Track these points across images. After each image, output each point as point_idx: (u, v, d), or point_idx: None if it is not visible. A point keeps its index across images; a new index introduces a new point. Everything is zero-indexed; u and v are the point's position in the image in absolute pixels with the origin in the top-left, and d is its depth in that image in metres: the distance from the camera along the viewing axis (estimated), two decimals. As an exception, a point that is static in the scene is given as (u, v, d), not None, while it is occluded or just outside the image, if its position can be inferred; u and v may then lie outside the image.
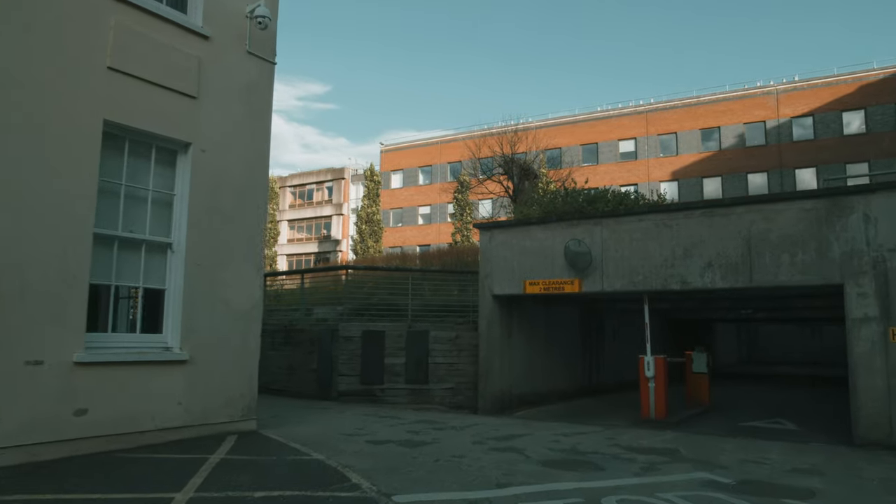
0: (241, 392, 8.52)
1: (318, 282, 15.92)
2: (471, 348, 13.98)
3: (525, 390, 14.63)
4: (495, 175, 32.72)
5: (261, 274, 8.89)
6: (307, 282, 15.51)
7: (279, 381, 14.73)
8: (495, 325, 13.69)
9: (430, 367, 13.73)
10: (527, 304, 14.89)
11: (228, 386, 8.35)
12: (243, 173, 8.68)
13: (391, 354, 13.63)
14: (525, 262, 13.20)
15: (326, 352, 13.63)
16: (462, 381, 13.89)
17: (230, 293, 8.40)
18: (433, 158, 61.69)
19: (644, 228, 11.94)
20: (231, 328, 8.42)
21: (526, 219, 13.60)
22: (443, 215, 58.85)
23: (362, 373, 13.44)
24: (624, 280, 12.05)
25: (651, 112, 52.88)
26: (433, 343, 13.84)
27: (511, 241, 13.44)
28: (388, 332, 13.68)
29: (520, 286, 13.19)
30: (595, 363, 18.65)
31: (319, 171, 70.74)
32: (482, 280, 13.74)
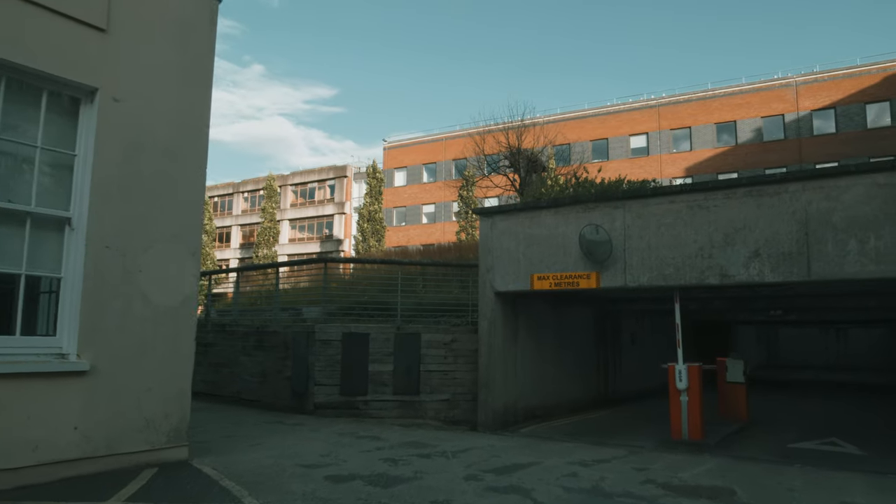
0: (165, 412, 6.62)
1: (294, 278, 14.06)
2: (469, 354, 12.05)
3: (532, 402, 12.68)
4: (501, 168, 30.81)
5: (197, 260, 7.00)
6: (283, 278, 13.63)
7: (252, 391, 12.84)
8: (498, 326, 11.76)
9: (421, 376, 11.81)
10: (534, 303, 12.95)
11: (148, 404, 6.44)
12: (174, 132, 6.79)
13: (377, 361, 11.72)
14: (533, 253, 11.27)
15: (301, 357, 11.74)
16: (459, 391, 11.96)
17: (153, 284, 6.51)
18: (437, 155, 59.89)
19: (676, 211, 9.98)
20: (153, 330, 6.52)
21: (533, 202, 11.66)
22: (447, 214, 57.05)
23: (343, 382, 11.53)
24: (651, 273, 10.10)
25: (664, 106, 50.87)
26: (426, 348, 11.93)
27: (516, 229, 11.51)
28: (373, 335, 11.78)
29: (526, 281, 11.26)
30: (611, 370, 16.68)
31: (321, 169, 69.07)
32: (483, 275, 11.82)
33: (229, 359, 13.55)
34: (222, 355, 13.77)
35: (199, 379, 14.07)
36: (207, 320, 14.61)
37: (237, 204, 73.47)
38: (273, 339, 12.50)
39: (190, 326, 6.90)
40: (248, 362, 13.03)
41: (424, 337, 11.94)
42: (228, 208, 74.19)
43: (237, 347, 13.34)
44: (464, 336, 12.13)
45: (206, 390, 14.05)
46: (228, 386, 13.47)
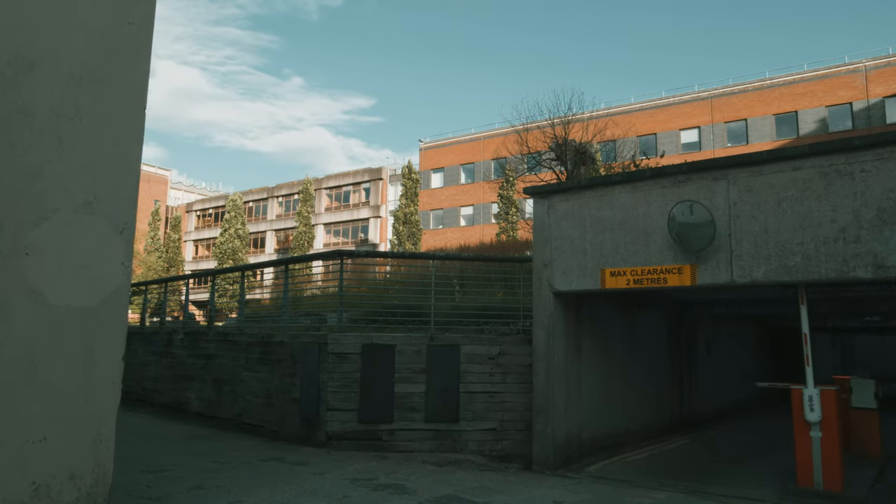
0: (71, 471, 4.32)
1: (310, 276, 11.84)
2: (521, 371, 9.59)
3: (599, 431, 10.13)
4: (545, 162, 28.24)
5: (126, 241, 4.70)
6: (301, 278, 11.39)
7: (254, 414, 10.59)
8: (558, 336, 9.26)
9: (461, 399, 9.39)
10: (600, 307, 10.41)
11: (38, 460, 4.16)
12: (91, 46, 4.53)
13: (405, 379, 9.33)
14: (604, 242, 8.76)
15: (311, 375, 9.42)
16: (509, 418, 9.49)
17: (50, 274, 4.25)
18: (475, 155, 57.60)
19: (804, 181, 7.37)
20: (50, 343, 4.25)
21: (604, 177, 9.13)
22: (486, 216, 54.65)
23: (362, 406, 9.17)
24: (768, 265, 7.50)
25: (716, 98, 47.65)
26: (467, 363, 9.50)
27: (581, 212, 9.02)
28: (400, 347, 9.40)
29: (595, 278, 8.75)
30: (686, 387, 13.98)
31: (356, 172, 67.35)
32: (538, 271, 9.34)
33: (231, 374, 11.34)
34: (223, 370, 11.57)
35: (196, 397, 11.91)
36: (209, 328, 12.46)
37: (272, 209, 72.27)
38: (279, 351, 10.22)
39: (115, 339, 4.60)
40: (251, 379, 10.78)
41: (465, 349, 9.52)
42: (263, 213, 73.05)
43: (239, 361, 11.12)
44: (514, 348, 9.67)
45: (205, 411, 11.88)
46: (229, 407, 11.26)
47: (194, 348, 12.57)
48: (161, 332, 13.98)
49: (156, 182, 76.68)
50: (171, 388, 13.24)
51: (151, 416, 11.91)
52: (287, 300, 10.56)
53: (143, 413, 12.37)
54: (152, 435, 9.68)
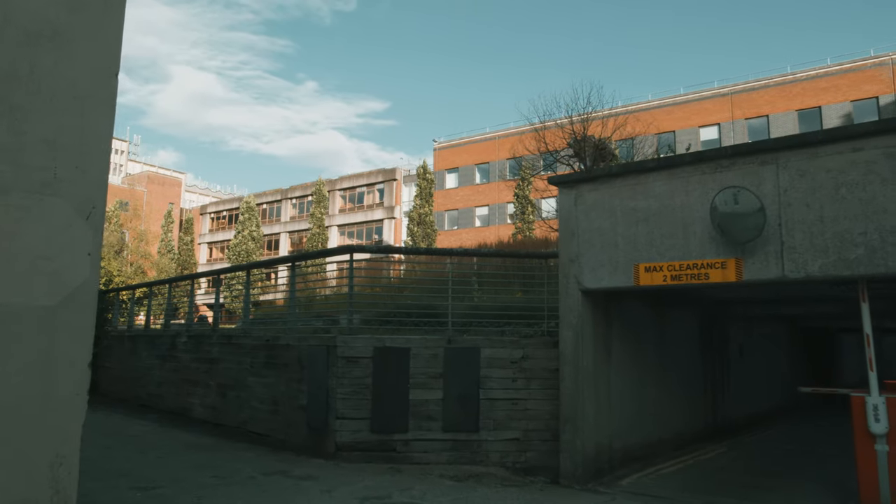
0: (23, 501, 3.64)
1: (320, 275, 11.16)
2: (546, 376, 8.83)
3: (631, 440, 9.35)
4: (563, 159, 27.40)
5: (95, 228, 4.01)
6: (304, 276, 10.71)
7: (260, 422, 9.92)
8: (587, 338, 8.49)
9: (482, 406, 8.65)
10: (631, 306, 9.64)
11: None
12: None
13: (420, 385, 8.61)
14: (637, 235, 7.99)
15: (318, 380, 8.73)
16: (533, 427, 8.74)
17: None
18: (490, 155, 56.85)
19: (866, 163, 6.57)
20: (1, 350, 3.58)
21: (637, 163, 8.35)
22: (502, 216, 53.90)
23: (374, 414, 8.47)
24: (825, 258, 6.70)
25: (737, 94, 46.55)
26: (488, 367, 8.77)
27: (612, 202, 8.25)
28: (415, 351, 8.68)
29: (628, 274, 7.99)
30: (719, 392, 13.14)
31: (370, 173, 66.85)
32: (564, 267, 8.58)
33: (235, 379, 10.68)
34: (228, 374, 10.92)
35: (200, 403, 11.27)
36: (214, 331, 11.82)
37: (285, 210, 71.93)
38: (285, 354, 9.54)
39: (80, 343, 3.92)
40: (257, 385, 10.12)
41: (485, 352, 8.78)
42: (277, 215, 72.73)
43: (244, 365, 10.46)
44: (538, 351, 8.92)
45: (210, 418, 11.24)
46: (234, 414, 10.60)
47: (198, 352, 11.94)
48: (165, 335, 13.37)
49: (170, 185, 76.64)
50: (176, 394, 12.63)
51: (153, 424, 11.28)
52: (294, 300, 9.89)
53: (145, 420, 11.76)
54: (150, 445, 9.04)
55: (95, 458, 7.96)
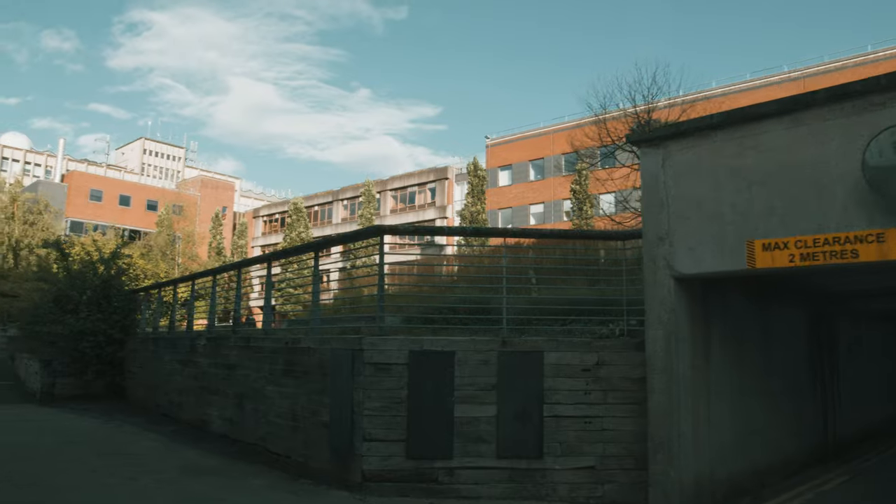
0: None
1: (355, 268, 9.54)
2: (628, 386, 6.95)
3: (736, 468, 7.35)
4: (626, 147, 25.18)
5: None
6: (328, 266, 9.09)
7: (279, 439, 8.34)
8: (682, 339, 6.58)
9: (546, 425, 6.83)
10: (733, 297, 7.65)
11: None
12: None
13: (468, 399, 6.85)
14: (751, 203, 6.04)
15: (342, 392, 7.08)
16: (612, 452, 6.87)
17: None
18: (545, 150, 54.65)
19: None
20: None
21: (748, 109, 6.36)
22: (558, 214, 51.61)
23: (410, 436, 6.75)
24: None
25: (810, 77, 43.05)
26: (553, 376, 6.94)
27: (713, 162, 6.33)
28: (460, 356, 6.93)
29: (738, 255, 6.05)
30: (830, 404, 10.93)
31: (421, 172, 65.53)
32: (650, 247, 6.70)
33: (253, 388, 9.16)
34: (245, 383, 9.41)
35: (218, 415, 9.80)
36: (234, 332, 10.36)
37: (336, 212, 71.33)
38: (305, 360, 7.94)
39: None
40: (276, 395, 8.55)
41: (549, 357, 6.96)
42: (328, 217, 72.21)
43: (263, 372, 8.92)
44: (617, 356, 7.04)
45: (228, 432, 9.76)
46: (252, 428, 9.08)
47: (216, 356, 10.50)
48: (185, 338, 12.01)
49: (223, 188, 77.17)
50: (195, 403, 11.22)
51: (164, 439, 9.88)
52: (317, 294, 8.27)
53: (158, 433, 10.38)
54: (145, 469, 7.57)
55: (62, 486, 6.51)
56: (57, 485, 6.57)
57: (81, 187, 62.61)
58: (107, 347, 15.65)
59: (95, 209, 59.36)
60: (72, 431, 10.54)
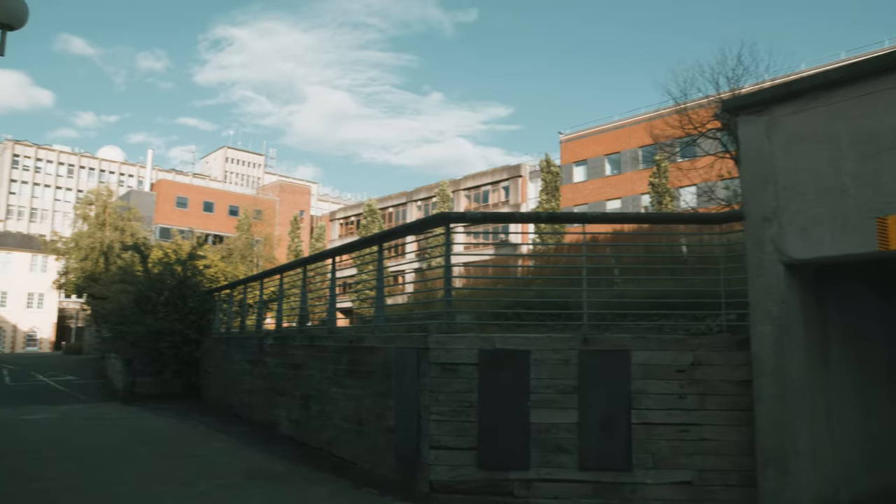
0: None
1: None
2: (729, 390, 6.07)
3: (860, 486, 6.31)
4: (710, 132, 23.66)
5: None
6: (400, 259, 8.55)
7: (345, 444, 7.88)
8: (795, 335, 5.65)
9: (634, 434, 6.05)
10: (851, 286, 6.61)
11: None
12: None
13: (546, 403, 6.16)
14: (880, 172, 5.08)
15: (407, 395, 6.53)
16: (713, 466, 6.00)
17: None
18: (621, 143, 52.90)
19: None
20: None
21: (882, 60, 5.37)
22: (636, 209, 49.81)
23: (482, 444, 6.12)
24: None
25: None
26: (641, 377, 6.15)
27: (831, 127, 5.39)
28: (537, 355, 6.24)
29: (865, 234, 5.10)
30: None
31: (494, 171, 64.80)
32: (755, 229, 5.80)
33: (318, 389, 8.76)
34: (311, 383, 9.03)
35: (286, 416, 9.48)
36: (300, 331, 10.02)
37: (410, 213, 71.53)
38: (369, 360, 7.44)
39: None
40: (340, 397, 8.10)
41: (638, 357, 6.17)
42: (403, 218, 72.52)
43: (327, 372, 8.50)
44: (716, 355, 6.17)
45: (295, 434, 9.42)
46: (318, 431, 8.67)
47: (283, 356, 10.19)
48: (254, 337, 11.82)
49: (300, 193, 78.84)
50: (264, 404, 10.98)
51: (233, 440, 9.63)
52: (381, 289, 7.76)
53: (228, 434, 10.16)
54: (207, 472, 7.26)
55: (116, 491, 6.24)
56: (111, 489, 6.32)
57: (169, 195, 65.36)
58: (183, 347, 15.80)
59: (181, 215, 61.78)
60: (145, 431, 10.48)
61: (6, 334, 62.33)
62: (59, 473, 6.98)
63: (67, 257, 40.02)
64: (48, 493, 6.16)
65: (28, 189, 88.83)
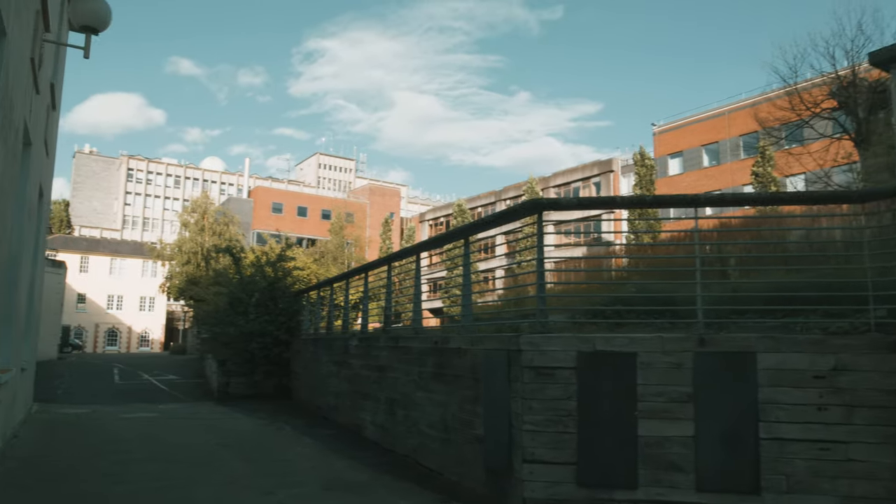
0: None
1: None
2: (881, 400, 5.07)
3: None
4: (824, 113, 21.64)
5: None
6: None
7: (431, 453, 7.35)
8: (971, 335, 4.61)
9: (763, 451, 5.16)
10: None
11: None
12: None
13: (656, 413, 5.37)
14: None
15: (497, 401, 5.90)
16: (863, 492, 5.02)
17: None
18: (720, 133, 50.19)
19: None
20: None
21: None
22: (738, 201, 46.96)
23: (582, 458, 5.40)
24: None
25: None
26: (771, 385, 5.24)
27: None
28: (644, 358, 5.46)
29: None
30: None
31: (584, 166, 63.15)
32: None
33: (403, 393, 8.28)
34: (396, 387, 8.56)
35: (371, 420, 9.08)
36: (385, 332, 9.60)
37: (499, 212, 70.89)
38: (456, 362, 6.86)
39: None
40: (425, 402, 7.58)
41: (765, 360, 5.27)
42: (491, 218, 71.98)
43: (412, 375, 8.00)
44: (862, 358, 5.18)
45: (380, 440, 9.00)
46: (403, 437, 8.20)
47: (367, 357, 9.80)
48: (339, 338, 11.53)
49: (390, 195, 79.77)
50: (350, 407, 10.65)
51: (318, 444, 9.33)
52: (468, 285, 7.17)
53: (314, 438, 9.89)
54: (291, 479, 6.92)
55: (191, 496, 5.97)
56: (189, 495, 6.06)
57: (265, 201, 67.74)
58: (273, 348, 15.85)
59: (277, 220, 63.80)
60: (232, 432, 10.38)
61: (122, 335, 66.51)
62: (142, 476, 6.83)
63: (171, 262, 42.06)
64: (129, 498, 5.97)
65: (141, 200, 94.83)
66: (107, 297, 66.00)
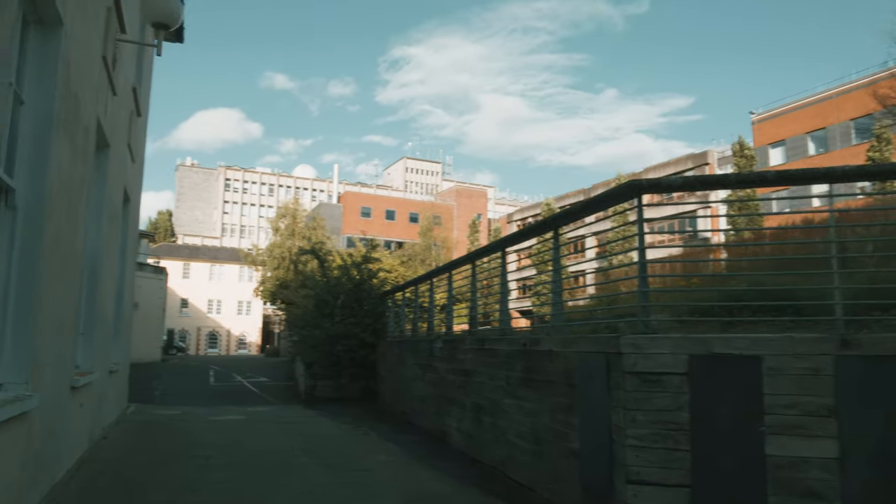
0: None
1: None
2: None
3: None
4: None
5: None
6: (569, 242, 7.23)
7: (521, 466, 6.71)
8: None
9: (929, 476, 4.21)
10: None
11: None
12: None
13: (788, 428, 4.52)
14: None
15: (595, 411, 5.20)
16: None
17: None
18: (827, 118, 46.75)
19: None
20: None
21: None
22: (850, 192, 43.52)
23: (697, 478, 4.62)
24: None
25: None
26: (933, 395, 4.29)
27: None
28: (771, 362, 4.63)
29: None
30: None
31: (678, 160, 60.49)
32: None
33: (490, 399, 7.68)
34: (482, 392, 7.98)
35: (457, 427, 8.55)
36: (471, 333, 9.05)
37: (589, 211, 69.04)
38: (547, 367, 6.19)
39: None
40: (514, 410, 6.94)
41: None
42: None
43: (499, 380, 7.39)
44: None
45: (466, 448, 8.44)
46: (490, 447, 7.60)
47: (452, 361, 9.28)
48: (424, 340, 11.08)
49: (476, 197, 79.42)
50: (434, 412, 10.16)
51: (402, 451, 8.89)
52: (558, 281, 6.49)
53: (398, 444, 9.47)
54: (370, 490, 6.47)
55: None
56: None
57: (354, 206, 68.94)
58: (359, 351, 15.65)
59: (366, 224, 64.76)
60: (316, 437, 10.12)
61: (222, 338, 69.47)
62: (219, 483, 6.57)
63: (264, 267, 43.28)
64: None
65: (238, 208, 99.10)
66: (207, 302, 69.14)
